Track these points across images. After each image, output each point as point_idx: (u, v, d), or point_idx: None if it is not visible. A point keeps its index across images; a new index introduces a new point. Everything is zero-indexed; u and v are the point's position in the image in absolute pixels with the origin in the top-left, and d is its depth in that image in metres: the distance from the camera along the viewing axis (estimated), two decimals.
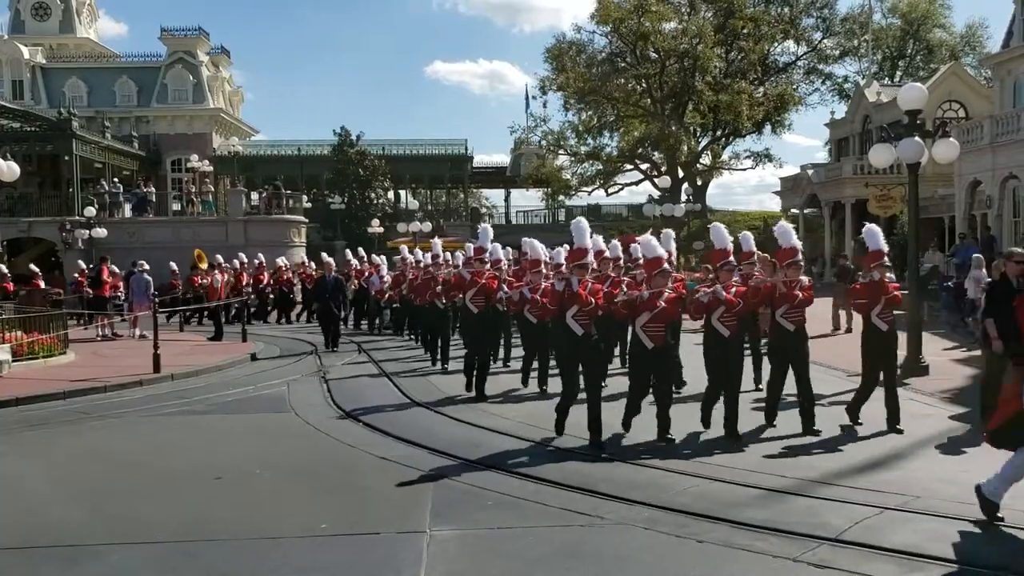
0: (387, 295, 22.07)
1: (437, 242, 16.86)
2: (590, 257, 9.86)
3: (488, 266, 13.38)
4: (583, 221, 9.85)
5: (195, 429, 10.96)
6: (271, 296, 28.41)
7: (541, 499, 7.21)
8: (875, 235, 9.89)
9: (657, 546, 6.14)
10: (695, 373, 11.11)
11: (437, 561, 5.90)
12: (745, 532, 6.29)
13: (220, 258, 28.37)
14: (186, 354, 17.96)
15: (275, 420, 11.33)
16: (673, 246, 12.36)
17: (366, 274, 24.26)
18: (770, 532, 6.25)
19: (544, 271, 12.21)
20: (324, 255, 24.80)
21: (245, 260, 28.61)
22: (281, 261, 29.64)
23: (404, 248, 22.45)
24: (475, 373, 12.23)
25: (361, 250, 28.08)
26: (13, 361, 15.66)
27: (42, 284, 23.66)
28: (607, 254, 13.17)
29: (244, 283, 27.58)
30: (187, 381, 14.99)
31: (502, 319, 14.63)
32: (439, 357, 15.36)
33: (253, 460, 8.98)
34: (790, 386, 9.61)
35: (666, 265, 9.50)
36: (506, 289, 13.04)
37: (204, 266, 28.21)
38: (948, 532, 6.18)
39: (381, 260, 24.57)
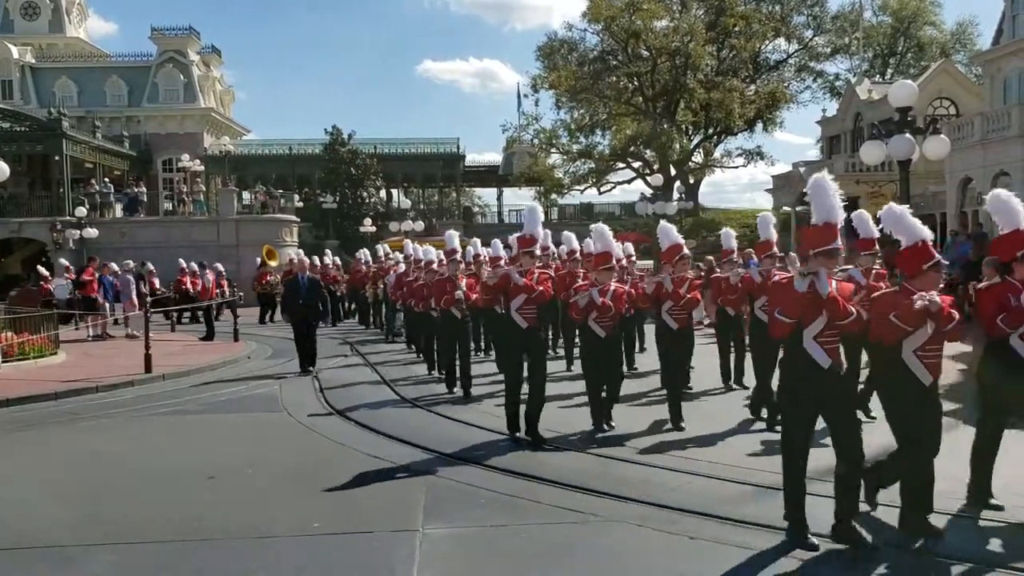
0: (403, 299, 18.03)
1: (454, 234, 13.22)
2: (840, 240, 6.15)
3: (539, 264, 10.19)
4: (824, 178, 6.44)
5: (187, 429, 10.94)
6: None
7: (534, 497, 7.21)
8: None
9: (649, 542, 6.14)
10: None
11: (430, 559, 5.89)
12: (736, 528, 6.30)
13: (293, 254, 27.98)
14: (177, 354, 17.92)
15: (267, 420, 11.31)
16: (774, 234, 10.51)
17: (390, 272, 21.02)
18: (761, 528, 6.26)
19: (615, 268, 9.91)
20: (322, 254, 24.43)
21: (306, 259, 28.17)
22: (328, 259, 28.61)
23: (408, 243, 19.56)
24: (532, 413, 9.11)
25: (387, 246, 25.94)
26: (4, 362, 15.61)
27: (52, 287, 23.72)
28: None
29: None
30: (179, 381, 14.96)
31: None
32: (456, 378, 12.51)
33: (245, 460, 8.95)
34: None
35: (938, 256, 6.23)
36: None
37: (274, 263, 27.75)
38: (938, 526, 6.18)
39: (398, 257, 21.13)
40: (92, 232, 35.78)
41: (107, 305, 23.09)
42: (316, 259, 27.39)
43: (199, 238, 37.43)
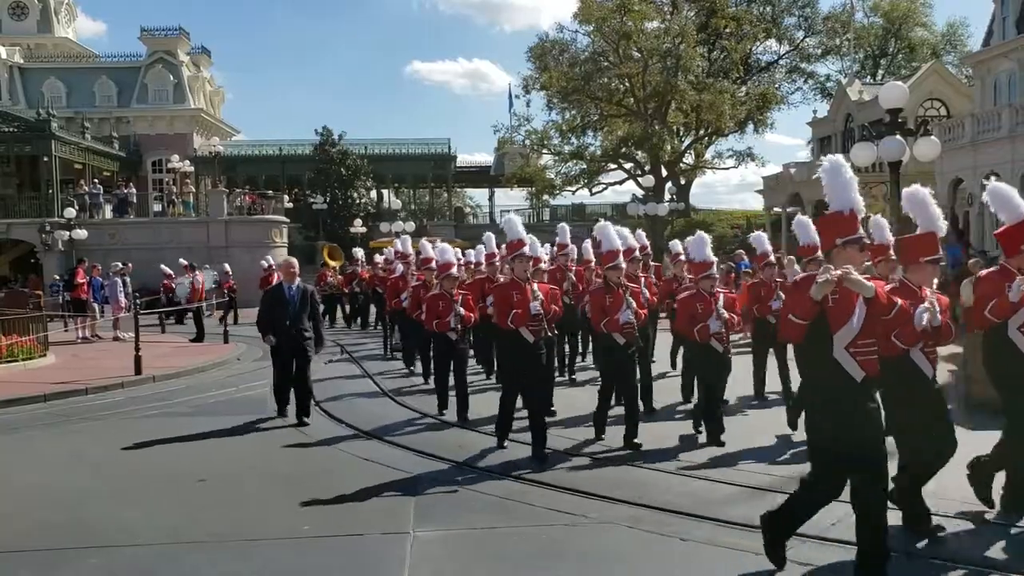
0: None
1: (516, 220, 9.41)
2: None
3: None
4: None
5: (177, 431, 10.85)
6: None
7: (525, 499, 7.18)
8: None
9: (641, 544, 6.12)
10: None
11: (421, 562, 5.86)
12: (728, 530, 6.29)
13: (361, 252, 26.61)
14: (167, 356, 17.83)
15: (258, 422, 11.23)
16: (814, 236, 8.30)
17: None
18: (754, 530, 6.23)
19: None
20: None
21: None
22: (378, 257, 25.01)
23: (408, 240, 16.52)
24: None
25: (408, 241, 19.12)
26: None
27: (173, 284, 23.66)
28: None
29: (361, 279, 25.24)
30: (169, 383, 14.88)
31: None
32: (508, 427, 9.08)
33: (235, 462, 8.91)
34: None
35: None
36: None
37: (336, 264, 26.89)
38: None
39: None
40: (81, 233, 35.61)
41: (96, 307, 22.98)
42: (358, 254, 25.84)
43: (189, 239, 37.28)
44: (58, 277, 30.28)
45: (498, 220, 54.69)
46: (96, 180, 41.69)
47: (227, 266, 27.23)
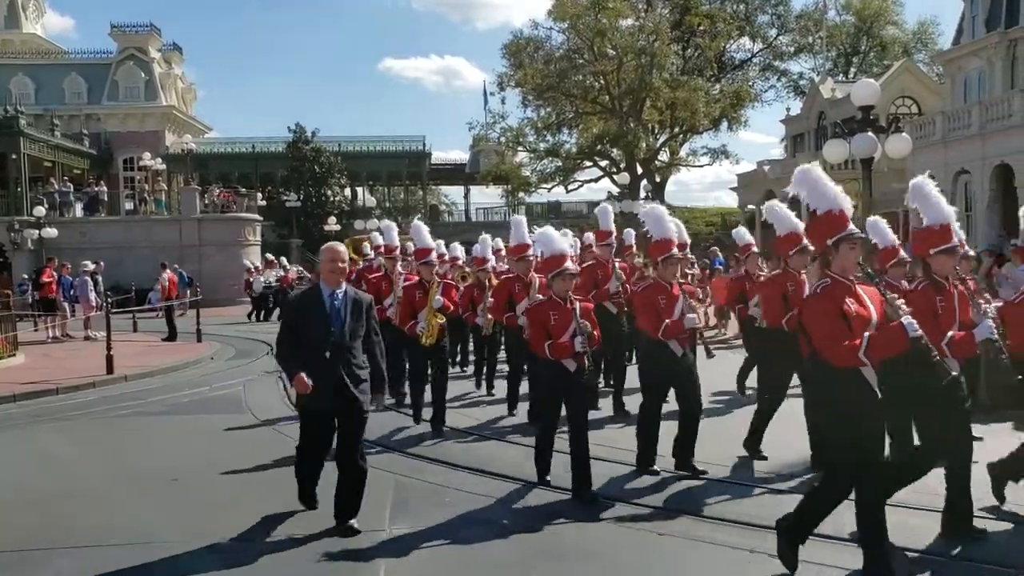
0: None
1: (661, 211, 8.01)
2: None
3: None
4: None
5: (150, 431, 10.76)
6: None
7: (502, 496, 7.16)
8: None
9: (618, 539, 6.12)
10: None
11: (398, 561, 5.83)
12: (705, 524, 6.31)
13: (380, 237, 23.15)
14: (139, 355, 17.66)
15: (232, 421, 11.13)
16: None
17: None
18: (730, 524, 6.27)
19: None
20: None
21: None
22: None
23: (421, 229, 10.95)
24: None
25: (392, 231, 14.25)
26: None
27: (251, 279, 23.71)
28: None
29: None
30: (141, 382, 14.74)
31: None
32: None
33: (209, 462, 8.81)
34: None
35: None
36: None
37: (361, 259, 26.17)
38: (909, 522, 6.19)
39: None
40: (51, 232, 35.18)
41: (66, 306, 22.70)
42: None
43: (161, 238, 36.97)
44: (26, 276, 29.88)
45: (473, 218, 54.61)
46: (66, 178, 41.25)
47: (286, 261, 27.17)
